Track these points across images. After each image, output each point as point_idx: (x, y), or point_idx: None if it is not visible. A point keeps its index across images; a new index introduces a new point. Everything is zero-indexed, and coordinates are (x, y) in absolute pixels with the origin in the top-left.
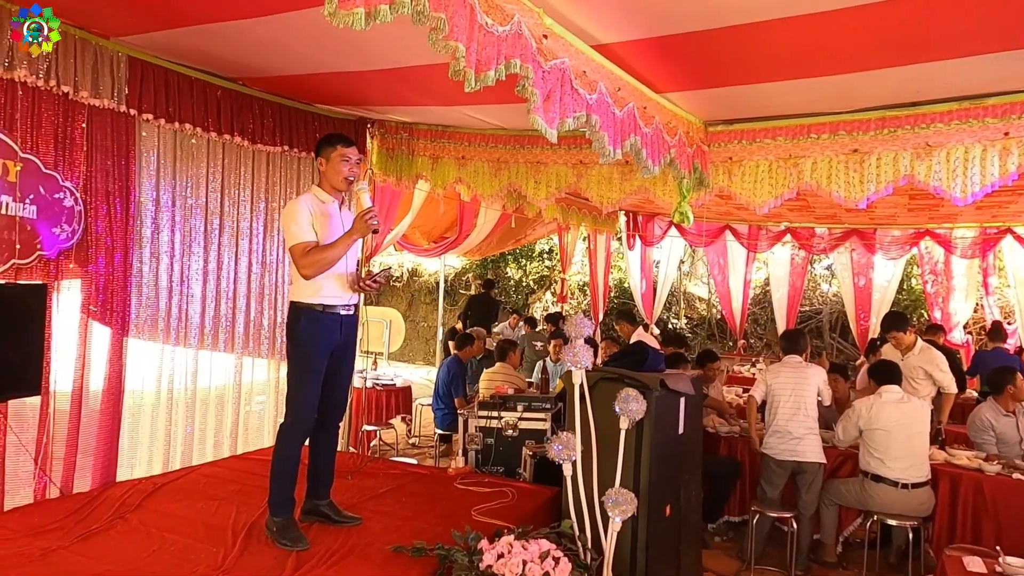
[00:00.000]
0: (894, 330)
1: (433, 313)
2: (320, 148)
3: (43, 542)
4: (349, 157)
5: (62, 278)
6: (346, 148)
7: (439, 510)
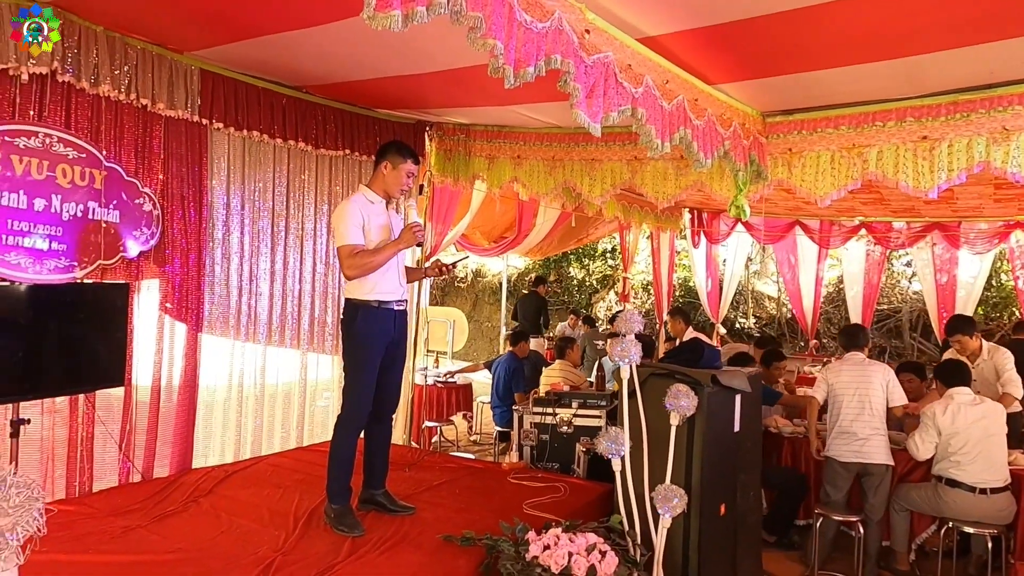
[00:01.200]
0: (958, 333)
1: (497, 313)
2: (389, 152)
3: (124, 521)
4: (413, 173)
5: (142, 278)
6: (413, 165)
7: (491, 503)
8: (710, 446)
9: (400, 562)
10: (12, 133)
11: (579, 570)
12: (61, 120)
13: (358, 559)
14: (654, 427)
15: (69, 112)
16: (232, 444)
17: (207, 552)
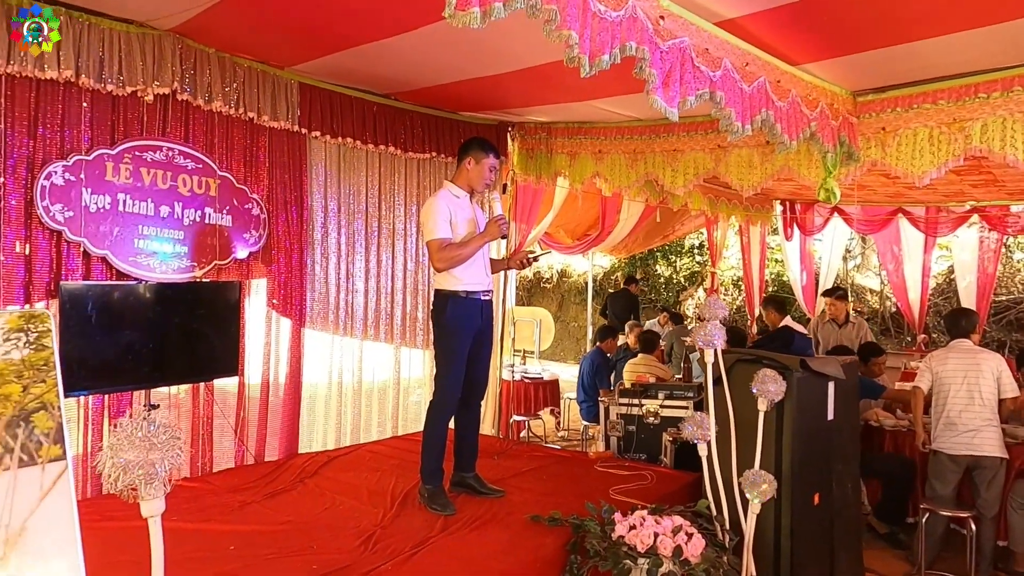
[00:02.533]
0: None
1: (583, 313)
2: (472, 148)
3: (241, 497)
4: (495, 167)
5: (251, 277)
6: (495, 159)
7: (577, 489)
8: (800, 434)
9: (490, 538)
10: (141, 148)
11: (665, 550)
12: (181, 135)
13: (451, 535)
14: (741, 414)
15: (187, 127)
16: (333, 433)
17: (314, 524)
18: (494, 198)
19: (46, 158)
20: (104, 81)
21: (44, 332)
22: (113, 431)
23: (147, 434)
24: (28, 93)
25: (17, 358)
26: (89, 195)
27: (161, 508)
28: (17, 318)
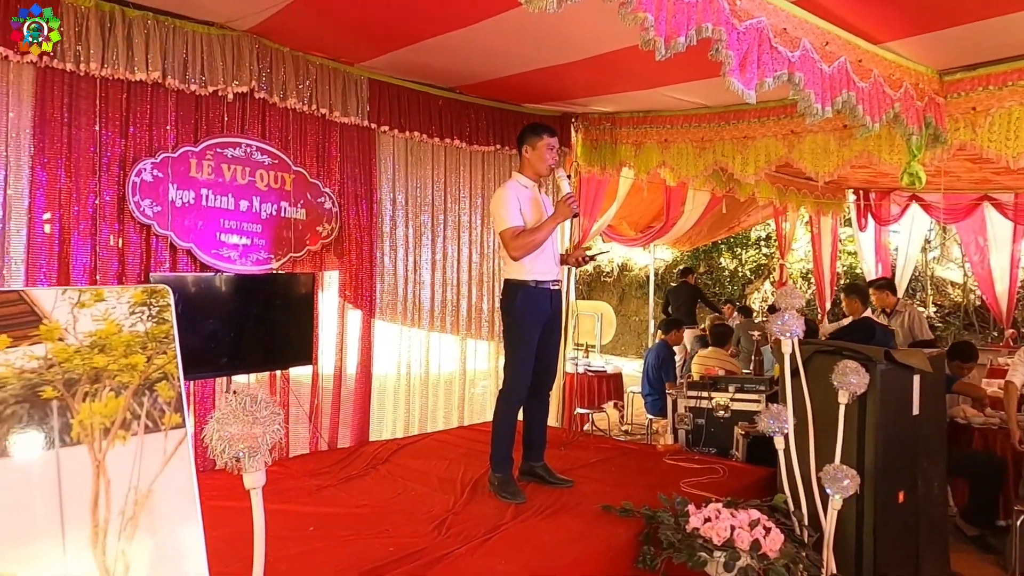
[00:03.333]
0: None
1: (644, 307)
2: (526, 136)
3: (317, 481)
4: (553, 146)
5: (324, 269)
6: (551, 138)
7: (647, 481)
8: (884, 428)
9: (561, 527)
10: (222, 145)
11: (742, 543)
12: (258, 132)
13: (522, 522)
14: (820, 407)
15: (264, 124)
16: (402, 422)
17: (388, 509)
18: (560, 176)
19: (136, 156)
20: (188, 81)
21: (164, 307)
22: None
23: (250, 409)
24: (120, 95)
25: (142, 330)
26: (175, 190)
27: (262, 480)
28: (141, 293)
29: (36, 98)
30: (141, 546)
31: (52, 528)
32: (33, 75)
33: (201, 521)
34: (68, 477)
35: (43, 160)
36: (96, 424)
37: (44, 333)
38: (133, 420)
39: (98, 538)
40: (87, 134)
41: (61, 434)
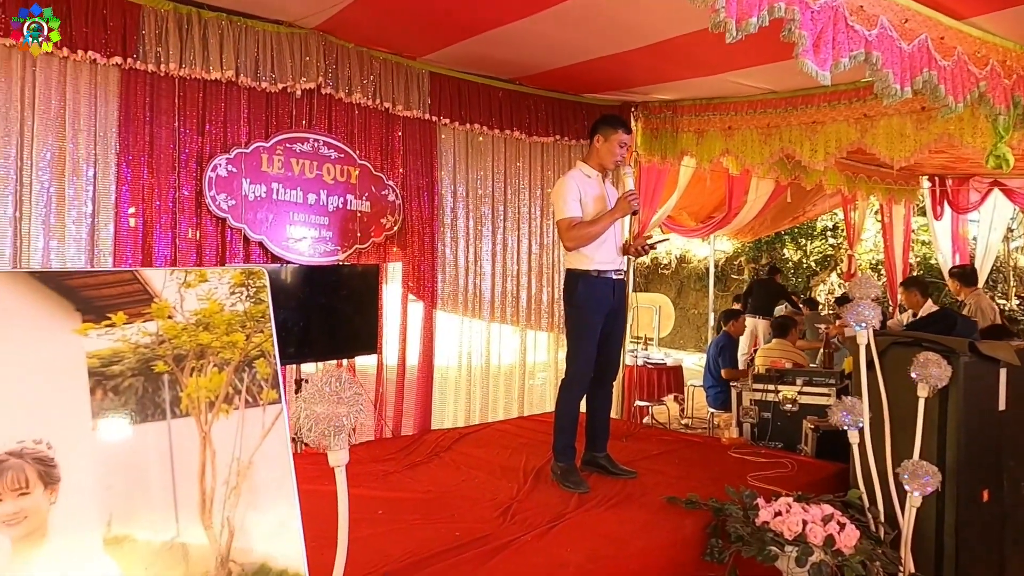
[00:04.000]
0: None
1: (703, 299)
2: (601, 126)
3: (383, 467)
4: (626, 143)
5: (388, 260)
6: (626, 135)
7: (712, 473)
8: (967, 423)
9: (626, 518)
10: (291, 140)
11: (815, 539)
12: (325, 126)
13: (587, 512)
14: (897, 401)
15: (331, 119)
16: (463, 412)
17: (453, 494)
18: (626, 172)
19: (212, 152)
20: (259, 79)
21: (261, 288)
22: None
23: (335, 389)
24: (197, 93)
25: (241, 310)
26: (248, 185)
27: (346, 459)
28: (240, 274)
29: (121, 98)
30: (243, 515)
31: (165, 494)
32: (118, 77)
33: (296, 493)
34: (178, 447)
35: (128, 157)
36: (202, 398)
37: (155, 311)
38: (235, 395)
39: (205, 506)
40: (167, 132)
41: (172, 406)
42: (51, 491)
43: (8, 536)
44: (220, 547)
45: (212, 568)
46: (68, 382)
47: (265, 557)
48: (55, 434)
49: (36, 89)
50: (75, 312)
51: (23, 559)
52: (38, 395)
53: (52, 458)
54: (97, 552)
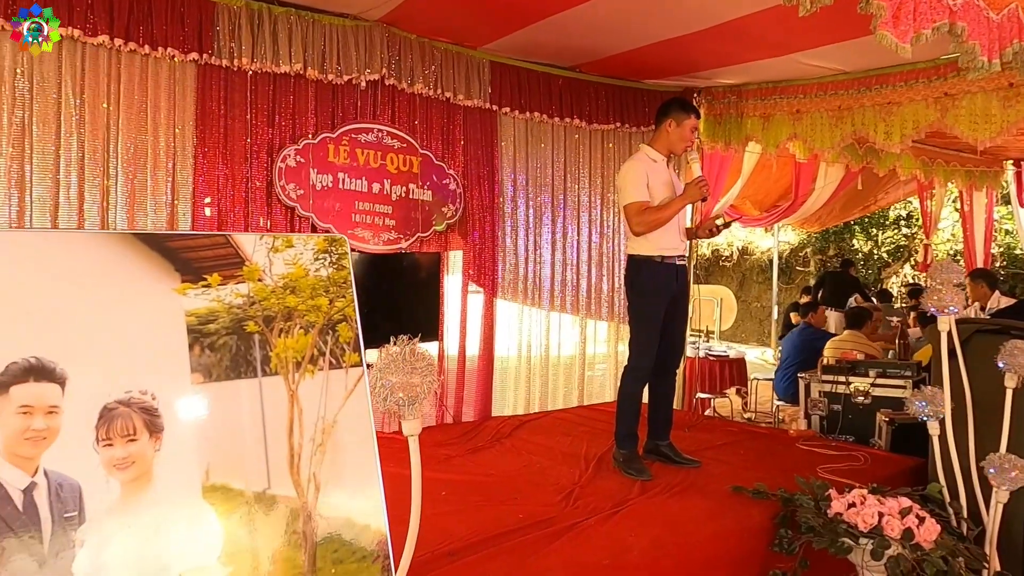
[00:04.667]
0: None
1: (766, 293)
2: (672, 109)
3: (445, 451)
4: (696, 128)
5: (449, 248)
6: (696, 120)
7: (779, 465)
8: None
9: (691, 505)
10: (356, 131)
11: (892, 531)
12: (388, 117)
13: (650, 499)
14: (980, 391)
15: (394, 110)
16: (523, 399)
17: (515, 478)
18: (692, 158)
19: (281, 143)
20: (326, 72)
21: (343, 255)
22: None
23: (409, 359)
24: (267, 87)
25: (324, 275)
26: (315, 175)
27: (419, 428)
28: (323, 241)
29: (197, 93)
30: (328, 471)
31: (258, 448)
32: (195, 72)
33: (377, 452)
34: (268, 404)
35: (204, 149)
36: (290, 358)
37: (247, 273)
38: (319, 356)
39: (293, 461)
40: (239, 124)
41: (262, 365)
42: (155, 439)
43: (119, 479)
44: (308, 501)
45: (300, 521)
46: (169, 338)
47: (349, 513)
48: (158, 386)
49: (120, 85)
50: (175, 272)
51: (132, 501)
52: (143, 349)
53: (156, 408)
54: (196, 499)
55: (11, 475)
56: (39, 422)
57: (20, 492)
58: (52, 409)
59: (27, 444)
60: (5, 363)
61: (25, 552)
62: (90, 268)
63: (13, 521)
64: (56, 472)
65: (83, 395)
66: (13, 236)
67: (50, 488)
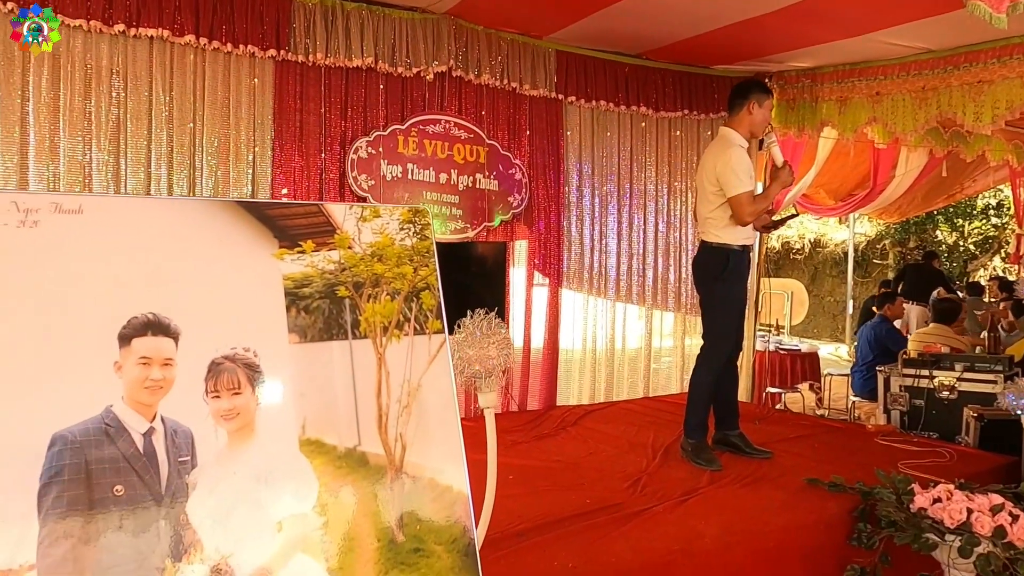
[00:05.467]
0: None
1: (840, 287)
2: (754, 91)
3: (511, 437)
4: (772, 107)
5: (515, 238)
6: (773, 100)
7: (856, 459)
8: None
9: (763, 496)
10: (424, 122)
11: (982, 529)
12: (455, 108)
13: (720, 488)
14: None
15: (460, 101)
16: (588, 389)
17: (581, 465)
18: (772, 141)
19: (353, 135)
20: (395, 65)
21: (426, 225)
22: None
23: (487, 332)
24: (340, 81)
25: (409, 245)
26: (386, 165)
27: (496, 401)
28: (407, 212)
29: (275, 88)
30: (414, 432)
31: (349, 406)
32: (272, 68)
33: (459, 416)
34: (358, 365)
35: (281, 142)
36: (377, 322)
37: (338, 241)
38: (405, 322)
39: (382, 421)
40: (314, 118)
41: (352, 328)
42: (257, 393)
43: (226, 428)
44: (395, 459)
45: (388, 478)
46: (268, 300)
47: (433, 473)
48: (259, 344)
49: (205, 82)
50: (273, 239)
51: (237, 449)
52: (245, 309)
53: (258, 364)
54: (294, 451)
55: (133, 419)
56: (156, 373)
57: (140, 435)
58: (167, 361)
59: (146, 392)
60: (127, 317)
61: (145, 490)
62: (200, 233)
63: (135, 461)
64: (171, 419)
65: (194, 350)
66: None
67: (166, 433)
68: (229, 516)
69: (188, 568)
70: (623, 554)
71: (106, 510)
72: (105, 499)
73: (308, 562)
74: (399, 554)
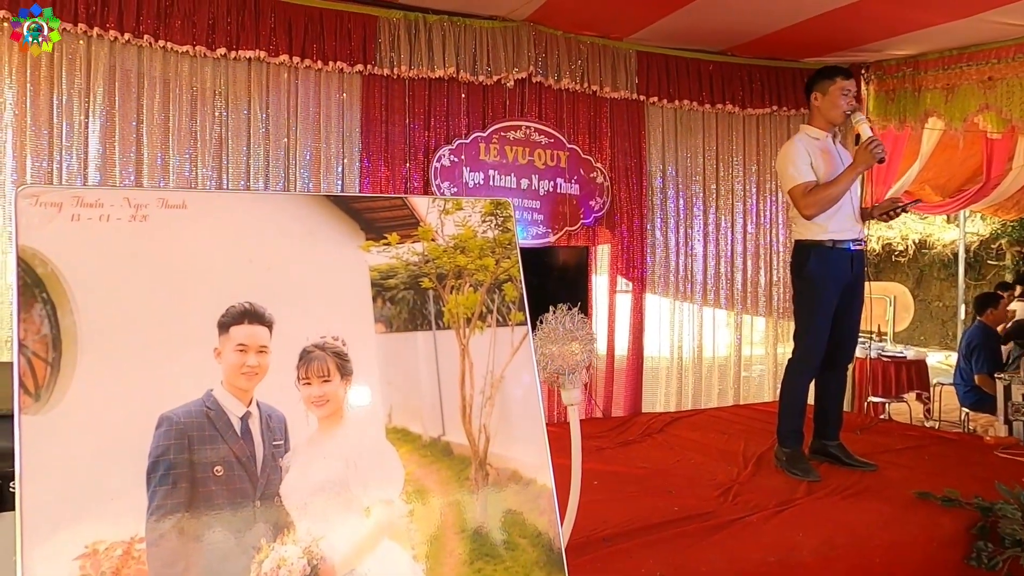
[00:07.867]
0: None
1: (950, 290)
2: (816, 82)
3: (596, 443)
4: (848, 90)
5: (597, 242)
6: (845, 80)
7: (971, 473)
8: None
9: (866, 509)
10: (505, 129)
11: None
12: (535, 113)
13: (818, 499)
14: None
15: (541, 106)
16: (675, 396)
17: (669, 472)
18: (859, 120)
19: (436, 144)
20: (476, 73)
21: (508, 217)
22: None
23: (570, 327)
24: (423, 91)
25: (491, 237)
26: (468, 173)
27: (579, 397)
28: (489, 203)
29: (362, 102)
30: (497, 424)
31: (433, 396)
32: (360, 83)
33: (542, 409)
34: (442, 355)
35: (368, 153)
36: (460, 313)
37: (421, 233)
38: (487, 313)
39: (465, 411)
40: (399, 129)
41: (436, 319)
42: (346, 381)
43: (316, 415)
44: (479, 450)
45: (472, 468)
46: (356, 290)
47: (517, 465)
48: (347, 333)
49: (298, 98)
50: (360, 231)
51: (327, 435)
52: (334, 299)
53: (346, 353)
54: (381, 439)
55: (231, 403)
56: (252, 359)
57: (238, 419)
58: (262, 349)
59: (243, 378)
60: (226, 306)
61: (243, 471)
62: (291, 225)
63: (234, 443)
64: (266, 404)
65: (286, 338)
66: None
67: (261, 418)
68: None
69: (282, 548)
70: (716, 563)
71: (207, 488)
72: (206, 478)
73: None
74: (484, 545)
